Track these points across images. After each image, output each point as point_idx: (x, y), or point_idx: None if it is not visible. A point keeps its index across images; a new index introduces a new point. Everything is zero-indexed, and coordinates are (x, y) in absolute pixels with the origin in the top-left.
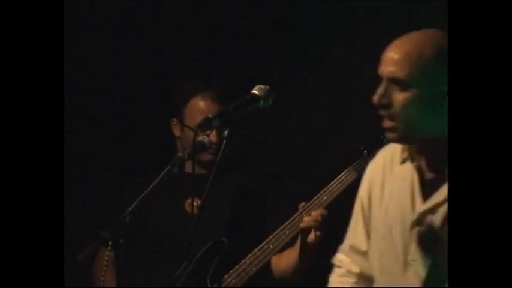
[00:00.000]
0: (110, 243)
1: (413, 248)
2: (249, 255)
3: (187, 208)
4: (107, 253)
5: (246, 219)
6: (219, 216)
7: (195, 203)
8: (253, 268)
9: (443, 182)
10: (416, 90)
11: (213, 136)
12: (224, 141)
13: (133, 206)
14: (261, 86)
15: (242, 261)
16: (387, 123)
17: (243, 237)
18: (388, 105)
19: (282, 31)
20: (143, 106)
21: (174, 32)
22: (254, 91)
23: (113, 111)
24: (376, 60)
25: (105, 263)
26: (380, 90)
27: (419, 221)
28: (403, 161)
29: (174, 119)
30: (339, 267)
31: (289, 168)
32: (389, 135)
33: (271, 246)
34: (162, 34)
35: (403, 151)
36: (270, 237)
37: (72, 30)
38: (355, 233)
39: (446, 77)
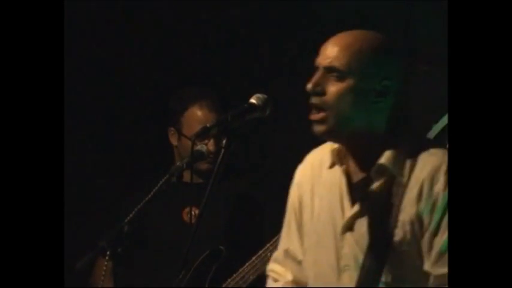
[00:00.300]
0: (108, 252)
1: (346, 253)
2: (247, 263)
3: (185, 217)
4: (105, 262)
5: (244, 227)
6: (216, 225)
7: (192, 212)
8: (251, 276)
9: (371, 183)
10: (352, 81)
11: (210, 145)
12: (222, 151)
13: (131, 215)
14: (259, 95)
15: (240, 269)
16: (316, 115)
17: (241, 245)
18: (322, 93)
19: (280, 37)
20: (141, 114)
21: (171, 40)
22: (252, 100)
23: (111, 120)
24: None
25: (103, 272)
26: (315, 78)
27: (349, 226)
28: (331, 165)
29: (172, 128)
30: (276, 280)
31: (286, 175)
32: (317, 127)
33: (268, 254)
34: (159, 42)
35: (331, 155)
36: (268, 244)
37: (69, 38)
38: (289, 239)
39: (380, 76)
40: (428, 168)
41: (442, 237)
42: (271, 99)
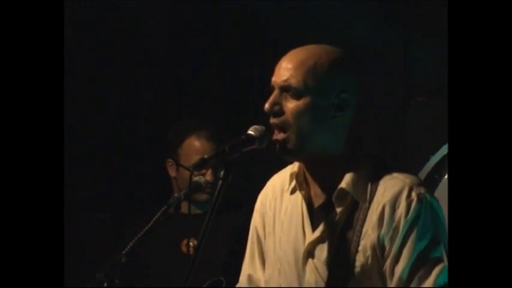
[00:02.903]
0: (105, 284)
1: (307, 280)
2: None
3: (183, 249)
4: None
5: (243, 257)
6: (216, 256)
7: (191, 244)
8: None
9: (332, 208)
10: (308, 98)
11: (208, 175)
12: (220, 182)
13: (129, 246)
14: (257, 126)
15: None
16: (278, 135)
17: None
18: (280, 113)
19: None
20: (141, 147)
21: (168, 72)
22: (250, 131)
23: (110, 152)
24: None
25: None
26: (272, 98)
27: (310, 252)
28: (292, 191)
29: (169, 160)
30: None
31: None
32: (280, 148)
33: None
34: (156, 75)
35: (291, 180)
36: None
37: (70, 69)
38: (252, 266)
39: (338, 89)
40: (390, 192)
41: (403, 264)
42: (269, 130)
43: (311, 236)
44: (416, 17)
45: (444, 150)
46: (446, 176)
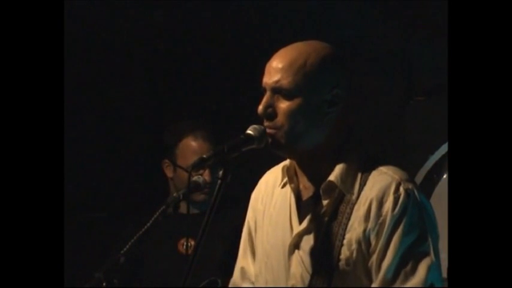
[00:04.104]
0: (104, 284)
1: (293, 272)
2: None
3: (181, 248)
4: None
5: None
6: (212, 255)
7: (188, 243)
8: None
9: (320, 200)
10: (301, 98)
11: (206, 175)
12: (219, 182)
13: (127, 246)
14: (256, 126)
15: None
16: (271, 132)
17: None
18: (274, 115)
19: None
20: (138, 148)
21: (165, 73)
22: (249, 131)
23: (108, 153)
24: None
25: None
26: (264, 100)
27: (296, 244)
28: (283, 185)
29: (166, 161)
30: None
31: None
32: (273, 144)
33: None
34: (156, 74)
35: (283, 175)
36: None
37: (69, 69)
38: (245, 260)
39: (330, 85)
40: (378, 187)
41: (389, 259)
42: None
43: (297, 228)
44: (416, 16)
45: (443, 150)
46: (445, 176)
